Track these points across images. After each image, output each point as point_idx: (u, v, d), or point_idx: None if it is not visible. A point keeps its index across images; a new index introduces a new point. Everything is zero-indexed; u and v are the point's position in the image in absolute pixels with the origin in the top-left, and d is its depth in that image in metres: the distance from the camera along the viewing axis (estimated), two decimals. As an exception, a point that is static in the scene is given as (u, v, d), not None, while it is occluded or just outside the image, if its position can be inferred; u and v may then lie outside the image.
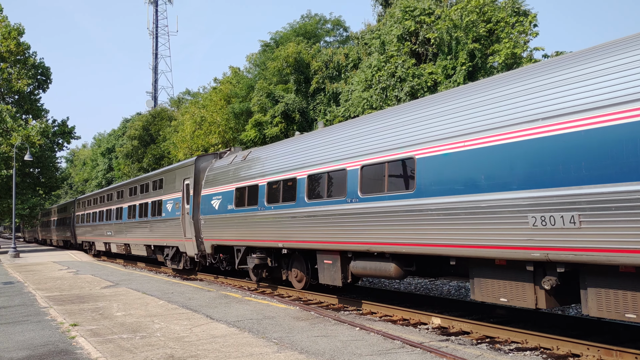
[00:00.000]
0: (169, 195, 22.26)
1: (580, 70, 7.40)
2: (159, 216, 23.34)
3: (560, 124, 7.35)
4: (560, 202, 7.21)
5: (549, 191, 7.37)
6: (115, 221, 30.88)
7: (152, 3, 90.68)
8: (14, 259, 33.64)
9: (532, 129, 7.67)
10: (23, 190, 43.78)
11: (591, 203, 6.86)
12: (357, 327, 9.74)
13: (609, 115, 6.77)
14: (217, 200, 17.67)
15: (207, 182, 18.85)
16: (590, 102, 7.07)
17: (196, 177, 19.72)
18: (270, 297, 14.68)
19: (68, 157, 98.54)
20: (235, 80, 39.40)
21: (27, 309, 12.57)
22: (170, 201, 22.06)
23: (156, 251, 25.01)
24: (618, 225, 6.59)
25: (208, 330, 9.53)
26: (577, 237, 7.05)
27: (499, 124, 8.19)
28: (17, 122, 39.13)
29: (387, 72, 23.62)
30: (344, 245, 11.66)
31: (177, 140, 43.04)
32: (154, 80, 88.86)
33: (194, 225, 19.41)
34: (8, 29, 40.79)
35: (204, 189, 18.92)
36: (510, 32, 21.42)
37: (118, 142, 65.96)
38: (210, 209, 18.09)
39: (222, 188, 17.53)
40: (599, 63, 7.17)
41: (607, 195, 6.68)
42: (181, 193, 20.85)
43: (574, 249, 7.11)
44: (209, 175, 18.90)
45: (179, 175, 21.38)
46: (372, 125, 11.44)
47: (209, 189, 18.49)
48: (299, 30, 36.41)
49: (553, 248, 7.35)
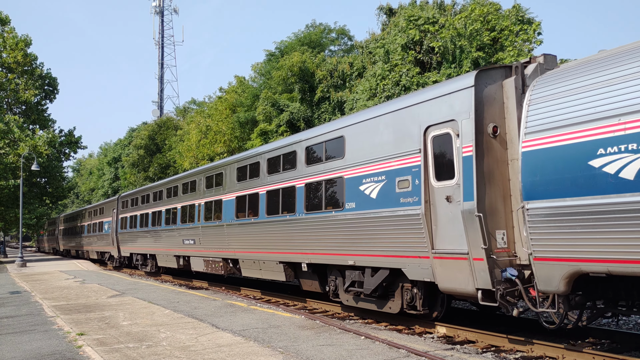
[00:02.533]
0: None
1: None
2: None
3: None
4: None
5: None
6: (204, 223, 19.92)
7: (158, 13, 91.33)
8: (20, 269, 33.77)
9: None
10: (30, 200, 44.02)
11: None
12: (363, 335, 9.75)
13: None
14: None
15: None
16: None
17: None
18: (275, 306, 14.71)
19: (74, 167, 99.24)
20: (241, 90, 39.60)
21: (34, 318, 12.64)
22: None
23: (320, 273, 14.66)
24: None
25: (214, 339, 9.56)
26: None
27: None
28: (24, 132, 39.45)
29: (391, 81, 23.70)
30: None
31: (183, 149, 43.23)
32: (159, 89, 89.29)
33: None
34: (15, 40, 41.25)
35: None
36: (515, 40, 21.46)
37: (124, 152, 66.31)
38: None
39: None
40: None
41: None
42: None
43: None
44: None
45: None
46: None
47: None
48: (303, 39, 36.60)
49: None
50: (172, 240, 22.92)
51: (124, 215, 31.71)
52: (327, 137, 12.93)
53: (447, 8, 25.84)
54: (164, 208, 24.31)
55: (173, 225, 22.81)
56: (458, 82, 9.40)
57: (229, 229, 17.70)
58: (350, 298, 12.50)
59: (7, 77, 41.46)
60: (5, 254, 55.50)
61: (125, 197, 32.30)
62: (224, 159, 19.80)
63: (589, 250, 7.08)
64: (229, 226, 17.67)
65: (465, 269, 8.84)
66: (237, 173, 17.57)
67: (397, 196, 10.35)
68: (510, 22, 21.96)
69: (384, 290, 11.32)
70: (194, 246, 20.67)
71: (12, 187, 38.71)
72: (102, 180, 75.45)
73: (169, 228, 23.30)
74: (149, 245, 26.58)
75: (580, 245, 7.18)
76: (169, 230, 23.32)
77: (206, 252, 19.69)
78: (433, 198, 9.62)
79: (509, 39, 21.55)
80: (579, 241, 7.19)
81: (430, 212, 9.65)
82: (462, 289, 9.00)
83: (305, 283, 14.47)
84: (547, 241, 7.57)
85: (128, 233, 30.34)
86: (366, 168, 11.36)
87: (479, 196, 8.63)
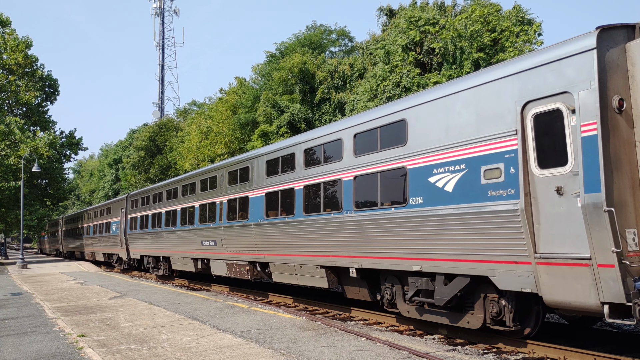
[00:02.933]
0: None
1: None
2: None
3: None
4: None
5: None
6: (228, 222, 18.19)
7: (158, 15, 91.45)
8: (21, 270, 33.77)
9: None
10: (31, 201, 44.04)
11: None
12: (364, 337, 9.74)
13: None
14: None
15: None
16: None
17: None
18: (276, 307, 14.70)
19: (75, 168, 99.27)
20: (241, 91, 39.63)
21: (36, 319, 12.64)
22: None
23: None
24: None
25: (215, 340, 9.56)
26: None
27: None
28: (25, 134, 39.47)
29: (392, 82, 23.71)
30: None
31: (184, 150, 43.27)
32: (160, 91, 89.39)
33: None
34: (16, 41, 41.28)
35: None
36: (515, 41, 21.48)
37: (125, 153, 66.37)
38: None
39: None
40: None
41: None
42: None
43: None
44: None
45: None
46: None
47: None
48: (304, 40, 36.63)
49: None
50: (189, 241, 21.36)
51: (133, 215, 29.92)
52: (384, 122, 11.17)
53: (448, 9, 25.88)
54: (180, 207, 22.63)
55: (190, 226, 21.23)
56: (572, 45, 7.69)
57: (257, 229, 16.01)
58: (412, 309, 10.79)
59: (8, 78, 41.50)
60: (6, 256, 55.51)
61: (135, 195, 30.41)
62: (250, 152, 17.89)
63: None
64: (258, 226, 15.98)
65: (586, 277, 7.20)
66: (267, 167, 15.84)
67: (483, 188, 8.69)
68: (511, 23, 21.99)
69: (459, 301, 9.65)
70: (215, 248, 19.03)
71: (13, 189, 38.73)
72: (102, 181, 75.53)
73: (186, 228, 21.69)
74: (163, 247, 24.82)
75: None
76: (186, 230, 21.72)
77: (229, 255, 18.05)
78: (534, 190, 7.92)
79: (509, 40, 21.57)
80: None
81: (531, 206, 7.96)
82: (580, 302, 7.33)
83: (351, 290, 12.81)
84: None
85: (139, 234, 28.60)
86: (437, 156, 9.62)
87: (607, 187, 7.00)
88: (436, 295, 9.73)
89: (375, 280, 12.16)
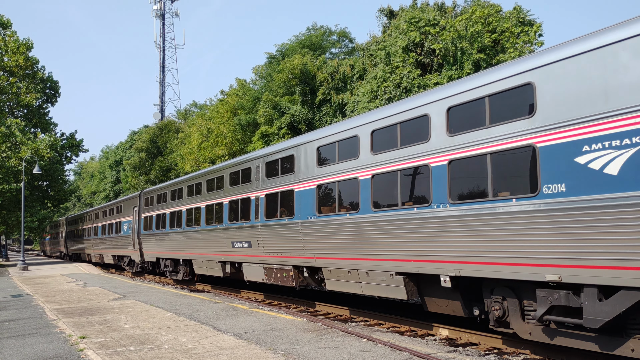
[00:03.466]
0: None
1: None
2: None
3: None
4: None
5: None
6: (264, 221, 15.95)
7: (159, 17, 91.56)
8: (22, 272, 33.77)
9: None
10: (32, 203, 44.03)
11: None
12: (365, 338, 9.73)
13: None
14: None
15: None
16: None
17: None
18: (277, 309, 14.68)
19: (76, 170, 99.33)
20: (242, 92, 39.68)
21: (36, 321, 12.64)
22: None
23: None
24: None
25: (216, 342, 9.55)
26: None
27: None
28: (26, 135, 39.49)
29: (392, 83, 23.72)
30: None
31: (184, 152, 43.30)
32: (161, 92, 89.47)
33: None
34: (17, 43, 41.31)
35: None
36: (516, 42, 21.48)
37: (125, 155, 66.45)
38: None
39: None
40: None
41: None
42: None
43: None
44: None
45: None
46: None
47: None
48: (304, 42, 36.67)
49: None
50: (217, 242, 19.08)
51: (148, 214, 27.55)
52: (493, 89, 8.75)
53: (448, 10, 25.90)
54: (205, 204, 20.35)
55: (218, 225, 18.88)
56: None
57: (306, 227, 13.67)
58: (537, 330, 8.40)
59: (9, 80, 41.54)
60: (7, 257, 55.53)
61: (150, 193, 28.04)
62: (294, 138, 15.41)
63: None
64: (306, 224, 13.60)
65: None
66: (318, 155, 13.44)
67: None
68: (511, 23, 21.99)
69: (617, 321, 7.34)
70: (249, 250, 16.81)
71: (14, 191, 38.75)
72: (103, 183, 75.62)
73: (212, 228, 19.34)
74: (183, 249, 22.42)
75: None
76: (213, 230, 19.38)
77: (268, 258, 15.79)
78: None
79: (510, 41, 21.57)
80: None
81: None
82: None
83: (436, 303, 10.44)
84: None
85: (154, 234, 26.15)
86: (589, 129, 7.27)
87: None
88: (586, 315, 7.37)
89: (470, 291, 9.96)
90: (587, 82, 7.43)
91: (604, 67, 7.26)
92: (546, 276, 7.73)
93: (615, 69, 7.14)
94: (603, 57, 7.29)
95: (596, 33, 7.61)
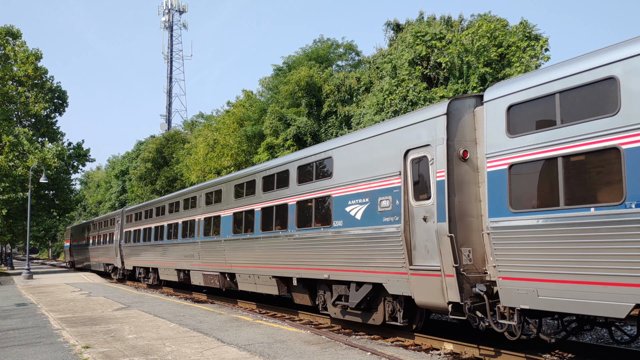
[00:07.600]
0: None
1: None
2: None
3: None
4: None
5: None
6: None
7: (167, 28, 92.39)
8: (27, 281, 33.83)
9: None
10: (38, 212, 44.20)
11: None
12: (369, 351, 9.67)
13: None
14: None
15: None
16: None
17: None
18: (281, 321, 14.63)
19: (82, 179, 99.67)
20: (248, 104, 39.81)
21: (40, 330, 12.64)
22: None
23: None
24: None
25: (219, 353, 9.52)
26: None
27: None
28: (33, 145, 39.74)
29: (398, 96, 23.77)
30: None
31: (190, 162, 43.41)
32: (168, 103, 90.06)
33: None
34: (26, 54, 41.70)
35: None
36: (522, 56, 21.52)
37: (132, 165, 66.66)
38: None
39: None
40: None
41: None
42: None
43: None
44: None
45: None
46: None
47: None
48: (311, 54, 36.82)
49: None
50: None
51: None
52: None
53: (454, 24, 25.99)
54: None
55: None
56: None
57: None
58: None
59: (18, 90, 41.90)
60: (12, 266, 55.64)
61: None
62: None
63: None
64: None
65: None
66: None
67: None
68: (518, 38, 22.03)
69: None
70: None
71: (20, 200, 38.93)
72: (109, 192, 75.80)
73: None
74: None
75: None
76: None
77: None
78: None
79: (516, 55, 21.61)
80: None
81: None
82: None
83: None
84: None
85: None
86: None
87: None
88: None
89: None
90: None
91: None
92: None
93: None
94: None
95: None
